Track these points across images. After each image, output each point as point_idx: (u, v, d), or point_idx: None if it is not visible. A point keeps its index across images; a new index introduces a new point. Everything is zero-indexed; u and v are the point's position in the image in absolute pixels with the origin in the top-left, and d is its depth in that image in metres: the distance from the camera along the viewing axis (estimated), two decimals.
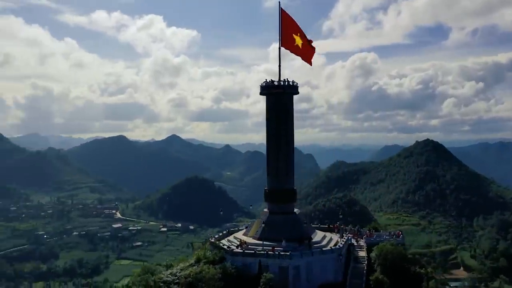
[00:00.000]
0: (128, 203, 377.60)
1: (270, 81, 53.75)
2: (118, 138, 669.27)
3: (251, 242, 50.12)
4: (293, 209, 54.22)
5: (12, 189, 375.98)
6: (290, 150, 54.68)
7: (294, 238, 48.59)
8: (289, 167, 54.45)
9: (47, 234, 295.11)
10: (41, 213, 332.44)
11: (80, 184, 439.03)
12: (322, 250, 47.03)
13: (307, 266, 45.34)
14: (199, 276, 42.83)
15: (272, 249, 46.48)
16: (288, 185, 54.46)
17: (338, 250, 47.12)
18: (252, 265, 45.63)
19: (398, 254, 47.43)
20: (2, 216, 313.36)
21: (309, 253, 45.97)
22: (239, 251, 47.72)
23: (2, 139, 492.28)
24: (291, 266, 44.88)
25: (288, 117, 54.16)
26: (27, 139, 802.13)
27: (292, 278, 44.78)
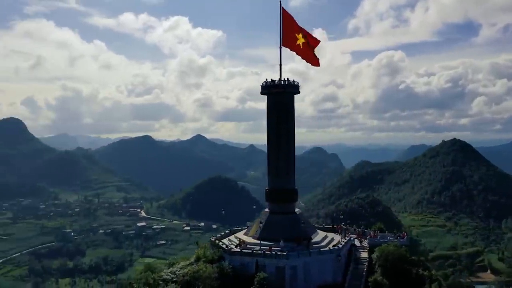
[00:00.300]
0: (152, 202, 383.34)
1: (271, 80, 53.48)
2: (144, 138, 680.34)
3: (250, 241, 50.18)
4: (294, 209, 53.95)
5: (42, 187, 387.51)
6: (290, 149, 54.48)
7: (293, 238, 48.34)
8: (289, 167, 54.26)
9: (74, 231, 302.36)
10: (69, 211, 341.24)
11: (106, 183, 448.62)
12: (320, 251, 46.62)
13: (305, 266, 45.02)
14: (196, 275, 43.22)
15: (269, 249, 46.39)
16: (289, 185, 54.26)
17: (337, 251, 46.65)
18: (249, 264, 45.70)
19: (399, 256, 46.57)
20: (31, 214, 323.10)
21: (307, 253, 45.64)
22: (236, 250, 47.87)
23: (33, 140, 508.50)
24: (287, 266, 44.67)
25: (288, 117, 53.91)
26: (57, 139, 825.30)
27: (289, 278, 44.55)
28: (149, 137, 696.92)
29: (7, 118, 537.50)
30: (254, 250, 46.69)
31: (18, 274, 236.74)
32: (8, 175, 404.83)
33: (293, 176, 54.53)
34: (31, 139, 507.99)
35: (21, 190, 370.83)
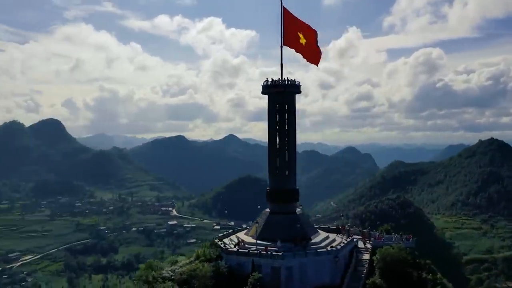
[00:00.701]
0: (184, 201, 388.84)
1: (271, 80, 53.20)
2: (177, 138, 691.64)
3: (248, 241, 50.17)
4: (295, 209, 53.40)
5: (79, 186, 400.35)
6: (291, 149, 53.91)
7: (291, 238, 47.93)
8: (290, 167, 53.74)
9: (108, 229, 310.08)
10: (103, 209, 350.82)
11: (140, 182, 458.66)
12: (317, 252, 46.00)
13: (301, 267, 44.56)
14: (193, 273, 43.67)
15: (265, 248, 46.22)
16: (289, 185, 53.77)
17: (335, 252, 45.92)
18: (245, 264, 45.72)
19: (400, 258, 45.32)
20: (68, 212, 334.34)
21: (303, 254, 45.18)
22: (233, 250, 47.99)
23: (71, 140, 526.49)
24: (283, 267, 44.36)
25: (289, 116, 53.41)
26: (95, 139, 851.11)
27: (285, 278, 44.24)
28: (182, 137, 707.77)
29: (47, 119, 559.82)
30: (251, 250, 46.65)
31: (55, 269, 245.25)
32: (47, 174, 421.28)
33: (294, 176, 53.99)
34: (69, 139, 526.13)
35: (59, 189, 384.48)
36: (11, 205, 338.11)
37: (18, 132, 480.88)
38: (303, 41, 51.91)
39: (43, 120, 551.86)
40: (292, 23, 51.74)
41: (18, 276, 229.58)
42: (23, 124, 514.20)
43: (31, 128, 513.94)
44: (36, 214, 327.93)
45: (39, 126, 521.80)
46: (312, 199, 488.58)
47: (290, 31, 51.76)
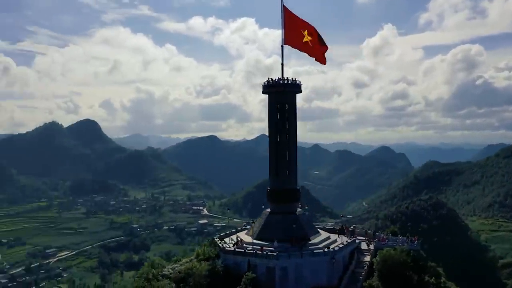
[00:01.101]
0: (214, 201, 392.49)
1: (271, 79, 52.99)
2: (209, 138, 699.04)
3: (246, 241, 50.24)
4: (295, 209, 53.04)
5: (113, 185, 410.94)
6: (292, 149, 53.46)
7: (289, 238, 47.65)
8: (291, 167, 53.34)
9: (140, 227, 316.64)
10: (136, 208, 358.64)
11: (173, 181, 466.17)
12: (313, 252, 45.52)
13: (296, 267, 44.24)
14: (190, 272, 44.20)
15: (261, 248, 46.17)
16: (289, 185, 53.41)
17: (332, 253, 45.32)
18: (242, 264, 45.84)
19: (399, 260, 44.20)
20: (102, 210, 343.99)
21: (298, 254, 44.83)
22: (230, 249, 48.17)
23: (106, 140, 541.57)
24: (277, 267, 44.16)
25: (290, 116, 53.04)
26: (131, 139, 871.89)
27: (279, 279, 44.05)
28: (214, 137, 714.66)
29: (84, 120, 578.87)
30: (247, 249, 46.71)
31: (89, 266, 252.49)
32: (84, 173, 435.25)
33: (294, 176, 53.60)
34: (105, 139, 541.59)
35: (94, 187, 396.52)
36: (50, 203, 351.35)
37: (57, 132, 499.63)
38: (307, 39, 51.42)
39: (80, 121, 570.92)
40: (293, 22, 51.36)
41: (54, 271, 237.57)
42: (62, 125, 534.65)
43: (69, 129, 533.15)
44: (72, 212, 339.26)
45: (76, 127, 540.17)
46: (344, 199, 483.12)
47: (292, 30, 51.39)
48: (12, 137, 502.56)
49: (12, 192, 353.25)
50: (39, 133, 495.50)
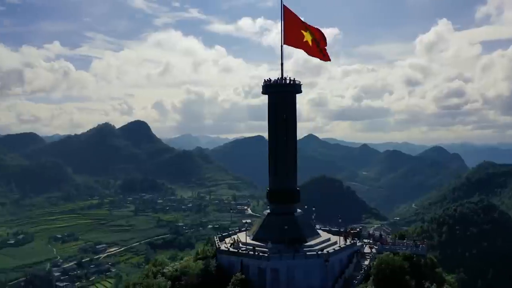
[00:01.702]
0: (259, 200, 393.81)
1: (269, 79, 52.64)
2: (256, 138, 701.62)
3: (243, 241, 50.21)
4: (294, 210, 52.46)
5: (161, 184, 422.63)
6: (291, 150, 52.95)
7: (286, 239, 47.16)
8: (290, 168, 52.87)
9: (186, 225, 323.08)
10: (182, 207, 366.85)
11: (219, 181, 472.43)
12: (306, 254, 44.83)
13: (288, 269, 43.76)
14: (185, 270, 44.99)
15: (253, 249, 46.05)
16: (289, 186, 52.93)
17: (325, 256, 44.39)
18: (235, 264, 46.05)
19: (396, 265, 42.51)
20: (150, 208, 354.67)
21: (290, 256, 44.29)
22: (224, 249, 48.37)
23: (155, 140, 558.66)
24: (268, 268, 43.89)
25: (290, 116, 52.52)
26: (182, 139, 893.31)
27: (270, 280, 43.76)
28: (261, 137, 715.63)
29: (135, 121, 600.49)
30: (241, 250, 46.78)
31: (136, 262, 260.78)
32: (134, 172, 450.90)
33: (293, 176, 53.08)
34: (154, 140, 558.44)
35: (143, 186, 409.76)
36: (101, 201, 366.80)
37: (109, 133, 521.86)
38: (308, 38, 50.81)
39: (131, 122, 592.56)
40: (294, 22, 50.88)
41: (103, 266, 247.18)
42: (114, 126, 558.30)
43: (121, 130, 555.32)
44: (122, 210, 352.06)
45: (128, 128, 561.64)
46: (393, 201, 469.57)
47: (292, 30, 50.92)
48: (69, 138, 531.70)
49: (67, 190, 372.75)
50: (93, 134, 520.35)
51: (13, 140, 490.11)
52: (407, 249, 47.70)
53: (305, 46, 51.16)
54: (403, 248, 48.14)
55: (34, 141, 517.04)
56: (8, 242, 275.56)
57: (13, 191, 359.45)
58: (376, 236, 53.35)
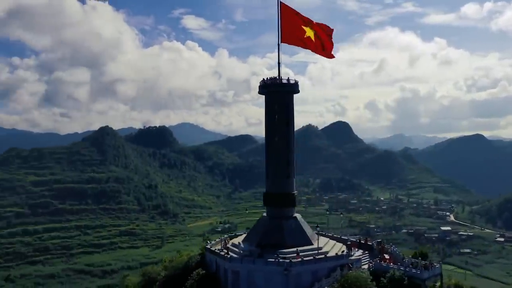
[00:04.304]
0: (464, 207, 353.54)
1: (268, 79, 50.55)
2: (475, 137, 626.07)
3: (233, 242, 50.21)
4: (290, 214, 49.20)
5: (357, 184, 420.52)
6: (289, 152, 49.60)
7: (264, 244, 45.36)
8: (286, 170, 49.60)
9: (377, 228, 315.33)
10: (376, 208, 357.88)
11: (423, 183, 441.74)
12: (267, 261, 42.10)
13: (249, 273, 42.16)
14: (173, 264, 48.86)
15: (222, 249, 46.02)
16: (284, 189, 49.95)
17: (286, 264, 40.95)
18: (213, 262, 46.94)
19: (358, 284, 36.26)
20: (343, 208, 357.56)
21: (251, 260, 42.53)
22: (208, 248, 49.55)
23: (357, 140, 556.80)
24: (229, 270, 43.31)
25: (287, 117, 49.57)
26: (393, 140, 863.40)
27: (231, 282, 42.98)
28: (481, 136, 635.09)
29: (336, 122, 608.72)
30: (217, 249, 47.43)
31: None
32: (333, 172, 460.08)
33: (290, 179, 49.78)
34: (356, 140, 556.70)
35: (340, 186, 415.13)
36: (300, 198, 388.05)
37: (312, 134, 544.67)
38: (310, 34, 47.69)
39: (333, 123, 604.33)
40: (292, 18, 48.27)
41: None
42: (317, 127, 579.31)
43: (323, 130, 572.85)
44: (317, 208, 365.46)
45: (330, 128, 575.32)
46: None
47: (290, 27, 48.37)
48: None
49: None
50: (298, 134, 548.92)
51: (232, 142, 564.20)
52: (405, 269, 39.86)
53: (306, 43, 48.15)
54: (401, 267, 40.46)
55: (250, 142, 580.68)
56: (215, 230, 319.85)
57: (226, 185, 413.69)
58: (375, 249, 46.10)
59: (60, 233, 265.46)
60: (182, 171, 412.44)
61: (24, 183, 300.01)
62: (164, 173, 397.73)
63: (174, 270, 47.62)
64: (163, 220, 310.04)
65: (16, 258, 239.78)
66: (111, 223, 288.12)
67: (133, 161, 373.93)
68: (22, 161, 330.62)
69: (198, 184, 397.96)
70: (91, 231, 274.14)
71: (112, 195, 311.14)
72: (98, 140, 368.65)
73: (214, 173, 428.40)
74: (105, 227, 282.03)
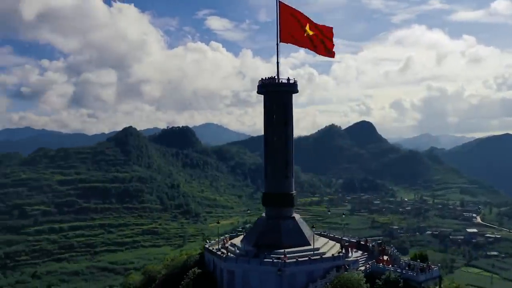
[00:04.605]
0: (491, 208, 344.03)
1: (266, 78, 50.23)
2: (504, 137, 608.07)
3: (232, 242, 50.23)
4: (289, 214, 48.81)
5: (381, 185, 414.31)
6: (287, 152, 49.24)
7: (261, 244, 45.23)
8: (285, 170, 49.38)
9: (401, 229, 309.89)
10: (400, 209, 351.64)
11: (450, 184, 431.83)
12: (262, 261, 41.96)
13: (244, 273, 42.19)
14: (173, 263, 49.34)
15: (220, 249, 46.03)
16: (283, 189, 49.74)
17: (280, 265, 40.75)
18: (210, 262, 47.11)
19: (350, 286, 35.73)
20: (366, 208, 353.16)
21: (246, 260, 42.48)
22: (207, 247, 49.65)
23: (381, 140, 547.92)
24: (225, 270, 43.40)
25: (286, 117, 49.21)
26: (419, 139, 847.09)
27: (227, 282, 43.13)
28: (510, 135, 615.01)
29: (360, 121, 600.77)
30: (215, 249, 47.55)
31: None
32: (356, 172, 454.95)
33: (288, 179, 49.68)
34: (379, 140, 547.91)
35: (363, 186, 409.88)
36: (321, 198, 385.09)
37: (335, 134, 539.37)
38: (310, 32, 47.35)
39: (357, 123, 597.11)
40: (291, 18, 47.99)
41: None
42: (340, 127, 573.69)
43: (346, 130, 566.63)
44: (339, 208, 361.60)
45: (353, 128, 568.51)
46: None
47: (289, 26, 48.09)
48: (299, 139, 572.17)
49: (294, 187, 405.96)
50: (320, 135, 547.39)
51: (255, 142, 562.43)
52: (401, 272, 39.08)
53: (305, 42, 47.86)
54: (397, 269, 39.69)
55: None
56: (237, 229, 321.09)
57: (248, 185, 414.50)
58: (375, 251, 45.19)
59: (85, 231, 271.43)
60: (204, 171, 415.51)
61: (50, 182, 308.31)
62: (186, 173, 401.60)
63: (173, 269, 48.25)
64: (185, 219, 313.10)
65: (42, 255, 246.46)
66: (134, 222, 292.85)
67: (156, 161, 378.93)
68: (49, 161, 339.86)
69: (220, 184, 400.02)
70: (115, 229, 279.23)
71: (135, 195, 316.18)
72: (122, 140, 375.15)
73: (236, 173, 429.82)
74: (128, 226, 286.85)
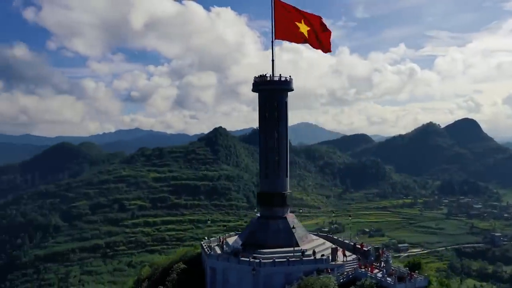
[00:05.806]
0: None
1: (262, 76, 48.94)
2: None
3: (226, 240, 50.14)
4: (281, 214, 47.37)
5: (484, 187, 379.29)
6: (282, 151, 47.57)
7: (248, 243, 44.65)
8: (279, 170, 47.82)
9: (504, 236, 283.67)
10: (505, 215, 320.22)
11: None
12: (240, 259, 41.35)
13: (224, 272, 42.17)
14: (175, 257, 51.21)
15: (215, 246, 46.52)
16: (276, 189, 48.36)
17: (255, 264, 39.85)
18: (203, 259, 47.67)
19: None
20: (464, 212, 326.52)
21: (226, 258, 42.22)
22: (203, 246, 50.07)
23: (487, 139, 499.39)
24: (208, 266, 43.77)
25: (280, 116, 47.71)
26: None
27: (209, 278, 43.57)
28: None
29: (462, 119, 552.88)
30: (206, 247, 48.09)
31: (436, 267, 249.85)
32: (456, 173, 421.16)
33: (282, 179, 48.06)
34: (485, 139, 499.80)
35: (463, 189, 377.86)
36: (415, 201, 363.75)
37: (433, 132, 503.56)
38: (304, 29, 46.00)
39: (458, 120, 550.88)
40: (286, 14, 46.81)
41: None
42: (439, 125, 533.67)
43: (446, 129, 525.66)
44: (434, 212, 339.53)
45: (454, 126, 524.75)
46: None
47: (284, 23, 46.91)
48: (394, 138, 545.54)
49: (384, 188, 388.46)
50: (417, 133, 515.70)
51: (346, 141, 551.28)
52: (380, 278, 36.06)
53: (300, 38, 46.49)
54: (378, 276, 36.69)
55: (365, 141, 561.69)
56: (322, 230, 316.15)
57: (337, 185, 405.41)
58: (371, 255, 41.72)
59: (175, 226, 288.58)
60: (292, 170, 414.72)
61: (146, 179, 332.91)
62: None
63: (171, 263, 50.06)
64: None
65: (137, 246, 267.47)
66: (221, 219, 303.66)
67: (244, 160, 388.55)
68: (146, 159, 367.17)
69: (307, 184, 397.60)
70: (203, 225, 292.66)
71: (222, 192, 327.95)
72: (212, 140, 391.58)
73: (324, 172, 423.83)
74: (215, 222, 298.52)
